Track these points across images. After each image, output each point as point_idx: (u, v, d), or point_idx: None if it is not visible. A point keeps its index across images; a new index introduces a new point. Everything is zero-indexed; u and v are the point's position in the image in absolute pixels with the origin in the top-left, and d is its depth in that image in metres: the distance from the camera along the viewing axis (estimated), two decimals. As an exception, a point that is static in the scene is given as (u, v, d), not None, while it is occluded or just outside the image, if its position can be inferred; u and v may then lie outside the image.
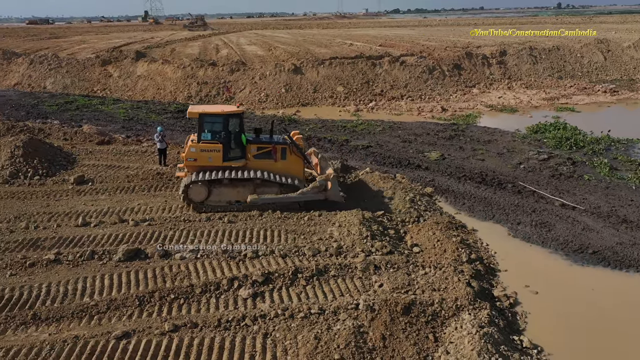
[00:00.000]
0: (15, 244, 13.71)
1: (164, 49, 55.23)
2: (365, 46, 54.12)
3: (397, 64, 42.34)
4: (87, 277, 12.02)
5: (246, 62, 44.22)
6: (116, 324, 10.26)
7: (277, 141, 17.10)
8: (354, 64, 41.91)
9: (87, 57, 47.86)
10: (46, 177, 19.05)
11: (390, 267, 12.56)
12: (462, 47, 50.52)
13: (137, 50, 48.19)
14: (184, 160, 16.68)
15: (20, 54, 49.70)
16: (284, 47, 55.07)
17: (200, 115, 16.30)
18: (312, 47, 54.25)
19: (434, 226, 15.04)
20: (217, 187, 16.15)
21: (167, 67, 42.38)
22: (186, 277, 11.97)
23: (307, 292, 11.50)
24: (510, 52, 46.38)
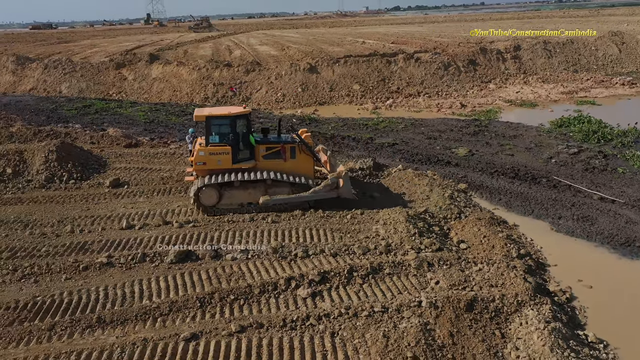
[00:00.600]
0: (63, 248, 13.74)
1: (175, 51, 55.29)
2: (378, 44, 54.04)
3: (412, 61, 42.26)
4: (142, 280, 12.04)
5: (261, 62, 44.21)
6: (181, 325, 10.26)
7: (285, 140, 16.93)
8: (369, 61, 41.85)
9: (100, 60, 47.95)
10: (81, 181, 19.10)
11: (443, 263, 12.52)
12: (476, 42, 50.39)
13: (151, 53, 48.22)
14: (192, 164, 16.46)
15: (34, 59, 49.81)
16: (296, 46, 55.03)
17: (207, 118, 16.05)
18: (324, 45, 54.20)
19: (478, 222, 15.00)
20: (228, 190, 16.02)
21: (182, 69, 42.41)
22: (241, 278, 11.97)
23: (365, 290, 11.47)
24: (525, 47, 46.22)
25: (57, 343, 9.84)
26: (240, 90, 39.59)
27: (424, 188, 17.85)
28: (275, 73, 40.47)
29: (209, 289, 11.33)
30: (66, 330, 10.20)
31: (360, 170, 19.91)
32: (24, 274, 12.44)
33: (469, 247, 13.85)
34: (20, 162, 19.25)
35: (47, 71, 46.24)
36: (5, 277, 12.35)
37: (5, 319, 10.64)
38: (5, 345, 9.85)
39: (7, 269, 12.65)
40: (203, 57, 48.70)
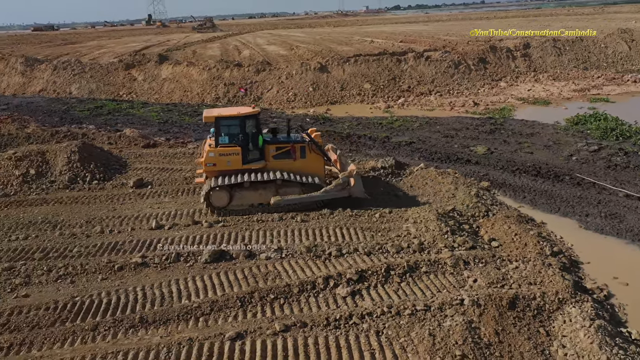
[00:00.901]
0: (95, 249, 13.75)
1: (184, 51, 55.30)
2: (386, 43, 54.01)
3: (422, 60, 42.21)
4: (179, 280, 12.03)
5: (270, 62, 44.18)
6: (224, 325, 10.25)
7: (295, 140, 16.81)
8: (379, 60, 41.82)
9: (109, 61, 47.97)
10: (104, 181, 19.10)
11: (478, 261, 12.50)
12: (485, 41, 50.32)
13: (160, 54, 48.24)
14: (202, 165, 16.36)
15: (42, 61, 49.82)
16: (305, 46, 55.01)
17: (216, 118, 15.92)
18: (333, 45, 54.18)
19: (507, 220, 14.97)
20: (239, 191, 15.90)
21: (192, 69, 42.40)
22: (278, 277, 11.95)
23: (404, 289, 11.45)
24: (534, 45, 46.16)
25: (102, 343, 9.83)
26: (251, 90, 39.59)
27: (449, 186, 17.82)
28: (286, 73, 40.45)
29: (248, 288, 11.31)
30: (109, 330, 10.19)
31: (382, 169, 19.88)
32: (58, 274, 12.44)
33: (501, 245, 13.81)
34: (43, 163, 19.24)
35: (56, 72, 46.24)
36: (41, 277, 12.34)
37: (46, 319, 10.64)
38: (50, 345, 9.84)
39: (42, 269, 12.65)
40: (212, 57, 48.71)
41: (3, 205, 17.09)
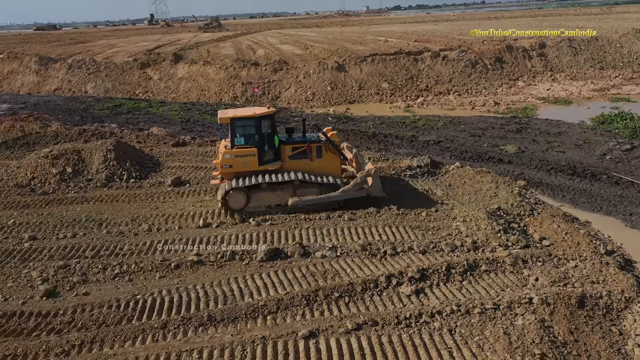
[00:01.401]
0: (146, 246, 13.68)
1: (197, 50, 55.24)
2: (401, 42, 53.96)
3: (439, 59, 42.15)
4: (237, 278, 11.99)
5: (287, 61, 44.09)
6: (294, 323, 10.19)
7: (311, 139, 16.65)
8: (396, 60, 41.77)
9: (124, 60, 47.91)
10: (140, 180, 19.02)
11: (536, 260, 12.46)
12: (499, 40, 50.28)
13: (174, 53, 48.16)
14: (218, 167, 16.20)
15: (56, 60, 49.73)
16: (319, 45, 54.96)
17: (231, 119, 15.74)
18: (347, 44, 54.12)
19: (554, 219, 14.90)
20: (256, 193, 15.68)
21: (209, 68, 42.33)
22: (337, 275, 11.90)
23: (466, 287, 11.41)
24: (550, 44, 46.11)
25: (173, 341, 9.77)
26: (269, 89, 39.53)
27: (490, 185, 17.76)
28: (303, 72, 40.39)
29: (312, 287, 11.26)
30: (179, 328, 10.14)
31: (418, 168, 19.83)
32: (114, 272, 12.39)
33: (552, 244, 13.73)
34: (79, 162, 19.17)
35: (71, 71, 46.18)
36: (98, 275, 12.30)
37: (112, 317, 10.59)
38: (121, 343, 9.78)
39: (97, 267, 12.61)
40: (227, 56, 48.65)
41: (44, 203, 17.03)
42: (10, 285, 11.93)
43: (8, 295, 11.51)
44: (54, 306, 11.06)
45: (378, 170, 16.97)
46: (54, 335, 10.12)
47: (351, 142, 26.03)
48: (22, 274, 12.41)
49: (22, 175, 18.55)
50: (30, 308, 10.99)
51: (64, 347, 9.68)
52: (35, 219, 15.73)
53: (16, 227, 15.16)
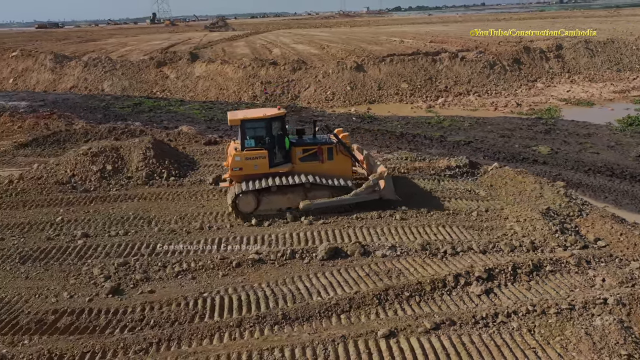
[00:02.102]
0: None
1: (212, 49, 55.16)
2: (417, 43, 53.95)
3: (457, 60, 42.15)
4: (301, 276, 11.93)
5: (305, 61, 44.03)
6: (370, 322, 10.13)
7: (322, 141, 16.40)
8: (414, 60, 41.77)
9: (140, 59, 47.83)
10: (180, 178, 18.94)
11: (599, 261, 12.41)
12: (515, 41, 50.30)
13: (191, 52, 48.10)
14: (228, 169, 15.96)
15: (71, 58, 49.65)
16: (335, 45, 54.92)
17: (242, 121, 15.43)
18: (363, 44, 54.08)
19: (606, 220, 14.84)
20: (266, 196, 15.34)
21: (227, 67, 42.27)
22: (401, 275, 11.85)
23: (535, 287, 11.35)
24: (567, 46, 46.13)
25: (251, 339, 9.71)
26: (288, 89, 39.48)
27: (533, 186, 17.69)
28: (322, 71, 40.36)
29: (382, 286, 11.19)
30: (255, 326, 10.07)
31: (456, 168, 19.78)
32: (175, 270, 12.31)
33: (608, 245, 13.69)
34: (118, 159, 19.08)
35: (87, 69, 46.12)
36: (159, 273, 12.23)
37: (183, 315, 10.52)
38: (199, 341, 9.72)
39: (156, 265, 12.54)
40: (243, 55, 48.61)
41: (87, 200, 16.95)
42: (73, 283, 11.86)
43: (73, 293, 11.43)
44: (122, 304, 11.00)
45: (390, 173, 16.68)
46: (128, 332, 10.05)
47: (379, 142, 26.05)
48: (82, 271, 12.35)
49: (62, 173, 18.45)
50: (98, 305, 10.93)
51: (141, 345, 9.61)
52: (82, 217, 15.65)
53: (65, 225, 15.08)
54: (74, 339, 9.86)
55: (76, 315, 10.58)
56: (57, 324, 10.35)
